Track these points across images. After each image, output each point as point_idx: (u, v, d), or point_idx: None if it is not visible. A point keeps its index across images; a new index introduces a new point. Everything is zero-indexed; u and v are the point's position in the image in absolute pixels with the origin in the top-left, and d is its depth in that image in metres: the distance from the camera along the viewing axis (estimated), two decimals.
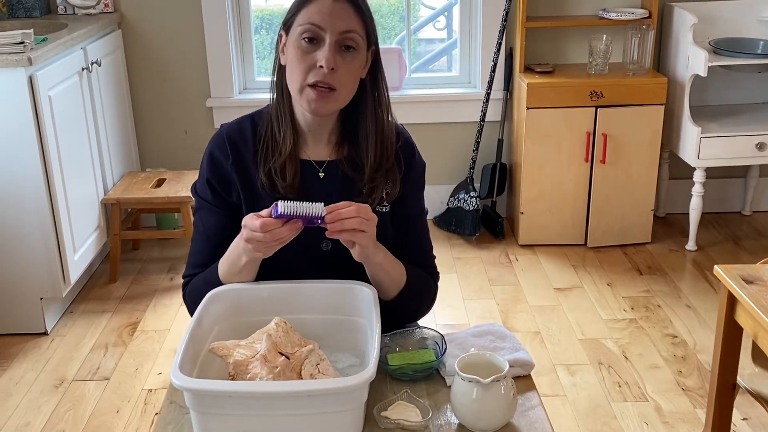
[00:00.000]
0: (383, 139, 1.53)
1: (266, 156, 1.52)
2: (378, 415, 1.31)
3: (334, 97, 1.45)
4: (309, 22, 1.42)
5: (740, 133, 3.41)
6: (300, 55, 1.43)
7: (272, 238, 1.35)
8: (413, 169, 1.60)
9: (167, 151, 3.85)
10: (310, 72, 1.43)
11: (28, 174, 2.81)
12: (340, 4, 1.42)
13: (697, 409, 2.51)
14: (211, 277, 1.52)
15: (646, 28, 3.46)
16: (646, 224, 3.64)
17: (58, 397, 2.65)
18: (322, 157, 1.55)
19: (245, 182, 1.54)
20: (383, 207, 1.55)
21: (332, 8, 1.41)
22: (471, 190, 3.71)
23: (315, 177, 1.54)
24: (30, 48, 2.76)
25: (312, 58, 1.43)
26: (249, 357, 1.28)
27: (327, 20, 1.41)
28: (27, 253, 2.90)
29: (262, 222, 1.35)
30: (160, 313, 3.16)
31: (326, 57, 1.41)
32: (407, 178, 1.59)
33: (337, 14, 1.41)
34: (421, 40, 4.63)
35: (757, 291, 1.73)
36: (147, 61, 3.72)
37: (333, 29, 1.41)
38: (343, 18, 1.42)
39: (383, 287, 1.51)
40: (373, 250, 1.43)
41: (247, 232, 1.38)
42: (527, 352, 1.49)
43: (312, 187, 1.53)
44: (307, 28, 1.42)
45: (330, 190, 1.53)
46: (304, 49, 1.43)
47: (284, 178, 1.50)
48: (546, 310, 3.13)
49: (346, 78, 1.44)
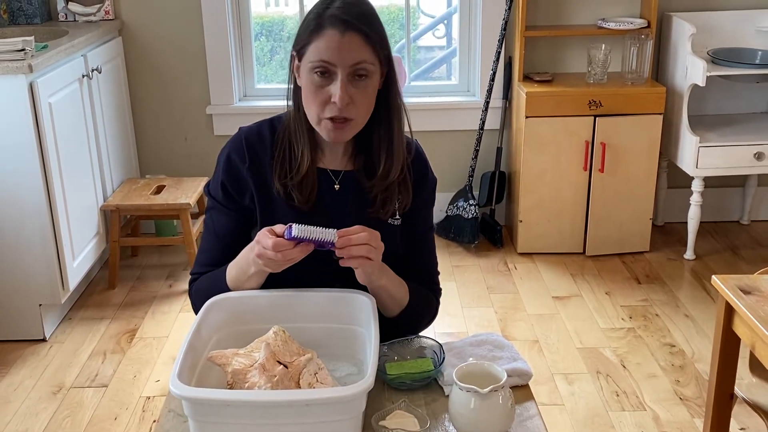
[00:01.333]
0: (395, 147, 1.53)
1: (282, 166, 1.52)
2: (376, 425, 1.31)
3: (352, 126, 1.46)
4: (320, 59, 1.41)
5: (738, 142, 3.42)
6: (314, 90, 1.43)
7: (283, 258, 1.38)
8: (426, 185, 1.61)
9: (167, 158, 3.86)
10: (325, 106, 1.43)
11: (28, 180, 2.82)
12: (348, 37, 1.40)
13: (695, 419, 2.51)
14: (218, 278, 1.54)
15: (645, 37, 3.47)
16: (645, 233, 3.64)
17: (57, 403, 2.64)
18: (338, 166, 1.56)
19: (261, 187, 1.54)
20: (395, 220, 1.57)
21: (341, 43, 1.40)
22: (470, 198, 3.71)
23: (331, 188, 1.55)
24: (30, 55, 2.77)
25: (326, 92, 1.43)
26: (247, 366, 1.28)
27: (337, 56, 1.40)
28: (26, 260, 2.91)
29: (275, 242, 1.36)
30: (158, 320, 3.16)
31: (340, 95, 1.41)
32: (419, 194, 1.60)
33: (346, 47, 1.40)
34: (421, 48, 4.64)
35: (754, 301, 1.73)
36: (147, 68, 3.73)
37: (344, 64, 1.41)
38: (353, 50, 1.40)
39: (385, 307, 1.53)
40: (377, 275, 1.44)
41: (259, 249, 1.39)
42: (525, 361, 1.49)
43: (327, 199, 1.54)
44: (318, 65, 1.41)
45: (345, 202, 1.54)
46: (317, 83, 1.43)
47: (301, 193, 1.51)
48: (544, 318, 3.13)
49: (361, 106, 1.45)
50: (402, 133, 1.55)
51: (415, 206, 1.59)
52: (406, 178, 1.56)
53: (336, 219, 1.49)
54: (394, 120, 1.53)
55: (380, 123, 1.52)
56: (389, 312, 1.54)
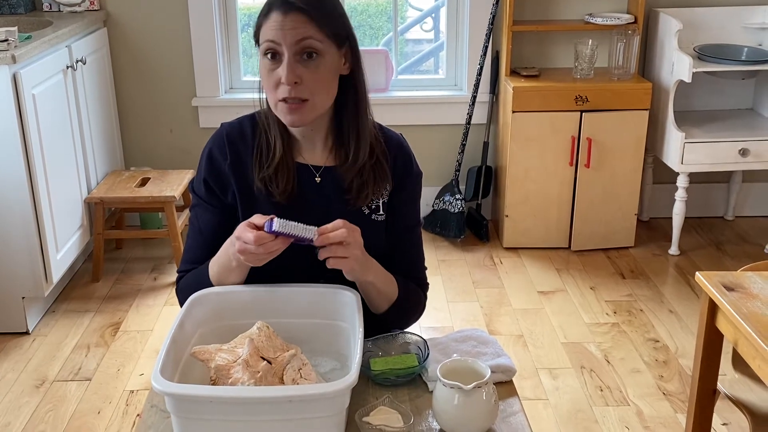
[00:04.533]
0: (361, 129, 1.53)
1: (260, 162, 1.52)
2: (360, 421, 1.30)
3: (309, 107, 1.45)
4: (266, 39, 1.43)
5: (724, 138, 3.43)
6: (266, 73, 1.45)
7: (265, 251, 1.37)
8: (411, 178, 1.60)
9: (152, 151, 3.83)
10: (278, 88, 1.44)
11: (11, 172, 2.79)
12: (291, 16, 1.41)
13: (678, 414, 2.52)
14: (203, 275, 1.53)
15: (632, 33, 3.47)
16: (630, 228, 3.65)
17: (39, 397, 2.63)
18: (318, 161, 1.56)
19: (242, 184, 1.54)
20: (378, 215, 1.56)
21: (283, 22, 1.41)
22: (456, 192, 3.71)
23: (312, 182, 1.54)
24: (14, 46, 2.74)
25: (276, 74, 1.44)
26: (231, 362, 1.27)
27: (280, 34, 1.41)
28: (9, 252, 2.88)
29: (256, 236, 1.36)
30: (143, 314, 3.14)
31: (285, 73, 1.42)
32: (404, 188, 1.59)
33: (289, 26, 1.41)
34: (409, 41, 4.63)
35: (738, 298, 1.74)
36: (132, 60, 3.70)
37: (287, 42, 1.41)
38: (296, 28, 1.41)
39: (374, 303, 1.53)
40: (360, 271, 1.44)
41: (240, 245, 1.38)
42: (509, 357, 1.50)
43: (309, 193, 1.54)
44: (267, 46, 1.43)
45: (326, 196, 1.54)
46: (268, 66, 1.45)
47: (278, 185, 1.51)
48: (529, 313, 3.14)
49: (314, 85, 1.44)
50: (367, 115, 1.55)
51: (400, 201, 1.59)
52: (382, 164, 1.55)
53: (318, 214, 1.49)
54: (360, 102, 1.53)
55: (346, 107, 1.53)
56: (378, 307, 1.54)
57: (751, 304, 1.71)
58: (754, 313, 1.68)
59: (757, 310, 1.69)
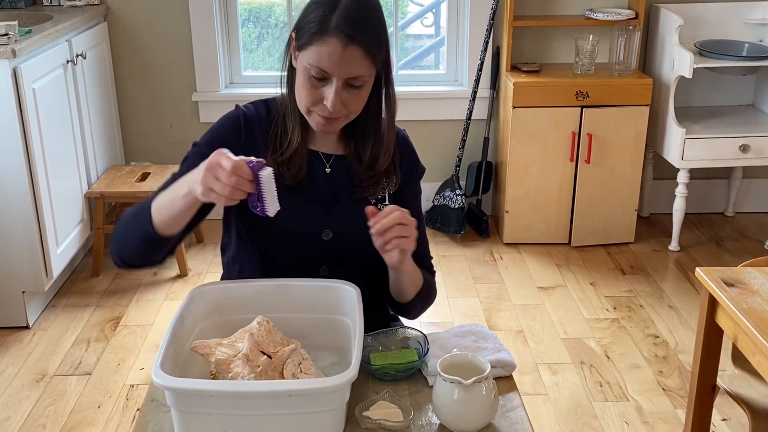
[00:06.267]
0: (384, 138, 1.53)
1: (275, 145, 1.52)
2: (360, 415, 1.31)
3: (342, 120, 1.47)
4: (317, 66, 1.39)
5: (724, 134, 3.43)
6: (308, 87, 1.42)
7: (233, 184, 1.26)
8: (416, 175, 1.64)
9: (152, 145, 3.83)
10: (316, 105, 1.43)
11: (11, 167, 2.79)
12: (350, 49, 1.38)
13: (678, 410, 2.52)
14: (144, 202, 1.44)
15: (633, 28, 3.47)
16: (630, 224, 3.65)
17: (39, 391, 2.63)
18: (329, 149, 1.56)
19: None
20: (383, 205, 1.56)
21: (341, 55, 1.37)
22: (457, 187, 3.71)
23: (322, 171, 1.55)
24: (14, 40, 2.74)
25: (319, 93, 1.42)
26: (231, 356, 1.28)
27: (335, 67, 1.38)
28: (9, 247, 2.88)
29: (235, 163, 1.26)
30: (143, 308, 3.14)
31: (332, 102, 1.40)
32: (410, 185, 1.62)
33: (346, 60, 1.38)
34: (410, 36, 4.63)
35: (737, 294, 1.74)
36: (133, 54, 3.70)
37: (340, 75, 1.39)
38: (352, 64, 1.39)
39: (404, 290, 1.55)
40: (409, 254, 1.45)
41: (210, 162, 1.28)
42: (509, 352, 1.50)
43: (319, 180, 1.55)
44: (316, 71, 1.40)
45: (335, 185, 1.55)
46: (313, 83, 1.42)
47: (289, 169, 1.51)
48: (529, 308, 3.14)
49: (354, 106, 1.45)
50: (393, 126, 1.55)
51: (406, 196, 1.61)
52: (394, 162, 1.57)
53: (326, 201, 1.53)
54: (386, 112, 1.53)
55: (371, 112, 1.52)
56: (407, 295, 1.56)
57: (751, 300, 1.71)
58: (754, 309, 1.68)
59: (757, 305, 1.69)
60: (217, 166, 1.27)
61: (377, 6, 1.46)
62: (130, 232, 1.45)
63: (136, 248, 1.45)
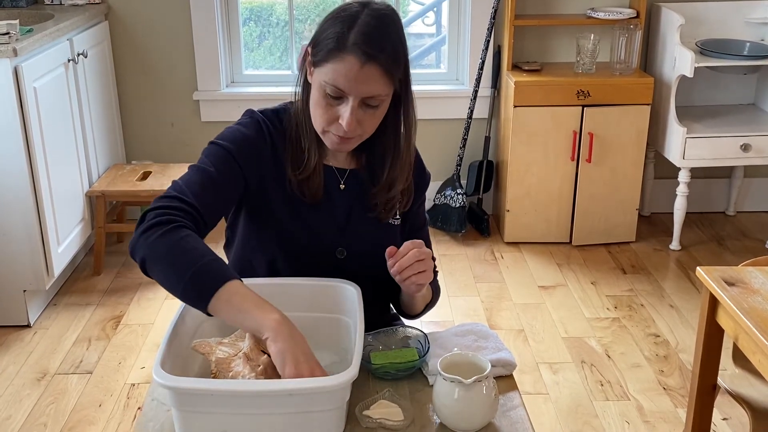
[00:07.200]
0: (401, 159, 1.52)
1: (293, 158, 1.49)
2: (360, 414, 1.31)
3: (357, 139, 1.45)
4: (333, 84, 1.36)
5: (725, 134, 3.43)
6: (324, 105, 1.40)
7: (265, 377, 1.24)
8: (424, 184, 1.65)
9: (153, 144, 3.83)
10: (332, 124, 1.41)
11: (13, 166, 2.79)
12: (367, 68, 1.35)
13: (678, 409, 2.52)
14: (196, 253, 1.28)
15: (634, 28, 3.47)
16: (631, 223, 3.65)
17: (40, 390, 2.63)
18: (342, 164, 1.55)
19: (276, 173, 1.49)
20: (395, 220, 1.59)
21: (358, 74, 1.35)
22: (458, 186, 3.71)
23: (336, 188, 1.54)
24: (15, 39, 2.74)
25: (335, 112, 1.40)
26: (231, 355, 1.28)
27: (352, 85, 1.36)
28: (10, 246, 2.89)
29: None
30: (144, 307, 3.14)
31: (348, 121, 1.38)
32: (418, 193, 1.63)
33: (364, 79, 1.35)
34: (411, 35, 4.63)
35: (738, 293, 1.74)
36: (134, 53, 3.70)
37: (357, 94, 1.37)
38: (370, 83, 1.36)
39: (414, 306, 1.59)
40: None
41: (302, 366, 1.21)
42: (509, 351, 1.50)
43: (333, 197, 1.53)
44: (332, 89, 1.37)
45: (349, 201, 1.54)
46: (328, 101, 1.39)
47: (309, 188, 1.49)
48: (530, 307, 3.14)
49: (370, 126, 1.43)
50: (411, 146, 1.53)
51: (415, 208, 1.63)
52: (409, 187, 1.58)
53: (340, 218, 1.53)
54: (406, 132, 1.51)
55: (388, 131, 1.50)
56: (416, 309, 1.61)
57: (751, 299, 1.71)
58: (755, 308, 1.68)
59: (758, 305, 1.69)
60: (305, 371, 1.21)
61: (397, 22, 1.42)
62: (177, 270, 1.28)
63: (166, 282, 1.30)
